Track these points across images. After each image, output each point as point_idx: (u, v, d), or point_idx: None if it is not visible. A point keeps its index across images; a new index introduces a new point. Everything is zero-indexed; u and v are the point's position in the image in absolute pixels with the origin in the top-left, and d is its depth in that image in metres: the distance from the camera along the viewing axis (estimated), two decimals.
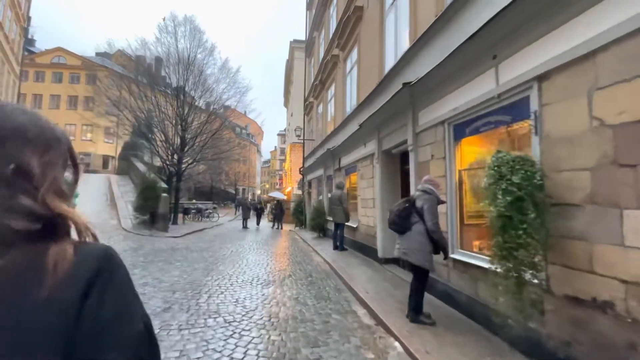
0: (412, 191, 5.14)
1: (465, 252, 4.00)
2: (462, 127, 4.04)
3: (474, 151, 4.14)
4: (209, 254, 7.87)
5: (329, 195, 8.82)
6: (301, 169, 19.03)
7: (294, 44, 31.19)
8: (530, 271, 2.58)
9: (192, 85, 17.49)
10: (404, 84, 4.79)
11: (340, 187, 9.01)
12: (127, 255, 7.01)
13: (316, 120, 15.50)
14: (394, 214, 3.93)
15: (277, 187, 56.27)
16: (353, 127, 8.51)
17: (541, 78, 2.87)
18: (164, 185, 11.56)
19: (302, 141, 19.22)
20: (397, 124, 5.87)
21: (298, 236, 13.76)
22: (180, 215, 18.76)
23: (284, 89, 43.83)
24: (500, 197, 2.51)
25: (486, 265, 3.44)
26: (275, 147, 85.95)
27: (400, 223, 3.86)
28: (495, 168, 2.63)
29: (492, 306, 2.72)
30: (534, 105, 2.93)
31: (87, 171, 34.92)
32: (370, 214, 7.50)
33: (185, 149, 17.29)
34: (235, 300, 4.45)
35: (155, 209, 10.69)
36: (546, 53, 2.82)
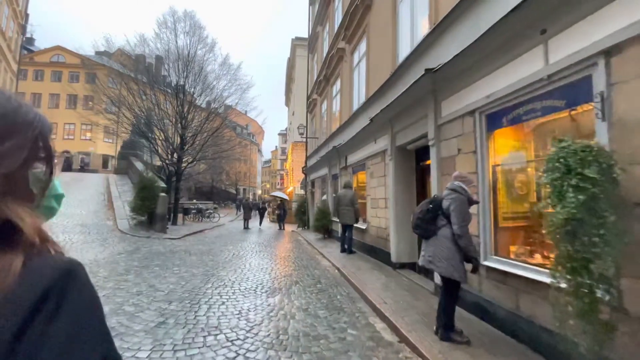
0: (434, 190, 4.64)
1: (501, 258, 3.50)
2: (498, 116, 3.54)
3: (510, 144, 3.64)
4: (209, 257, 7.38)
5: (334, 195, 8.34)
6: (304, 168, 18.54)
7: (296, 42, 30.73)
8: (603, 287, 2.09)
9: (192, 82, 17.03)
10: (427, 70, 4.29)
11: (348, 186, 8.53)
12: (121, 260, 6.52)
13: (320, 117, 15.01)
14: (417, 216, 3.44)
15: (278, 186, 55.79)
16: (362, 122, 8.02)
17: (609, 53, 2.38)
18: (162, 184, 11.07)
19: (304, 140, 18.74)
20: (414, 117, 5.38)
21: (301, 237, 13.27)
22: (180, 216, 18.34)
23: (285, 88, 43.36)
24: (571, 195, 2.01)
25: (532, 276, 2.95)
26: (276, 146, 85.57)
27: (424, 227, 3.37)
28: (561, 160, 2.13)
29: (556, 329, 2.22)
30: (599, 85, 2.43)
31: (86, 170, 34.52)
32: (381, 214, 7.01)
33: (185, 148, 16.84)
34: (238, 313, 3.95)
35: (153, 209, 10.21)
36: (616, 22, 2.32)
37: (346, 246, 8.17)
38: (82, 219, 10.22)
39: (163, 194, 10.42)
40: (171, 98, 17.15)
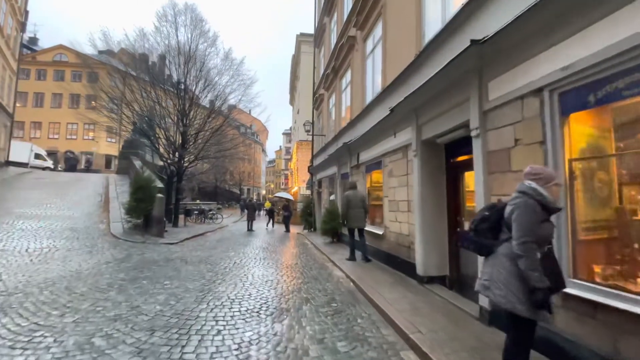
0: (479, 194, 3.76)
1: (587, 283, 2.62)
2: (579, 94, 2.66)
3: (594, 132, 2.77)
4: (208, 267, 6.57)
5: (344, 195, 7.50)
6: (310, 167, 17.71)
7: (301, 38, 29.93)
8: None
9: (193, 78, 16.30)
10: (472, 42, 3.42)
11: (353, 187, 7.71)
12: (107, 270, 5.73)
13: (327, 113, 14.16)
14: (471, 226, 2.59)
15: (283, 187, 55.10)
16: (377, 115, 7.17)
17: None
18: (159, 184, 10.31)
19: (310, 138, 17.90)
20: (447, 103, 4.50)
21: (308, 241, 12.43)
22: (181, 217, 17.64)
23: (289, 86, 42.59)
24: None
25: (634, 309, 2.08)
26: (280, 146, 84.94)
27: (478, 240, 2.52)
28: None
29: None
30: None
31: (90, 171, 34.03)
32: (402, 219, 6.14)
33: (187, 146, 16.11)
34: (236, 347, 3.12)
35: (150, 211, 9.43)
36: None
37: (362, 253, 7.35)
38: (73, 222, 9.47)
39: (160, 195, 9.64)
40: (172, 95, 16.45)
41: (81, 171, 32.83)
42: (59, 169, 32.17)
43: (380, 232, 7.16)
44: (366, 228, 8.06)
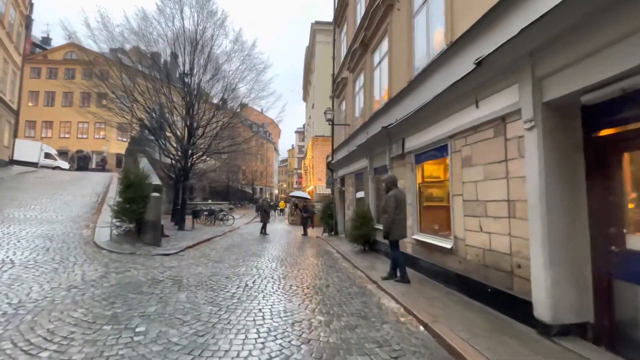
0: None
1: None
2: None
3: None
4: (207, 295, 4.70)
5: (390, 195, 5.48)
6: (330, 163, 15.74)
7: (316, 26, 28.02)
8: None
9: (200, 67, 14.62)
10: None
11: (394, 183, 5.71)
12: (64, 302, 3.94)
13: (352, 100, 12.17)
14: None
15: (296, 186, 53.32)
16: (437, 83, 5.17)
17: None
18: (156, 181, 8.56)
19: (327, 133, 15.92)
20: (616, 30, 2.47)
21: (332, 248, 10.47)
22: (189, 219, 16.03)
23: (303, 81, 40.73)
24: None
25: None
26: (293, 145, 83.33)
27: None
28: None
29: None
30: None
31: (103, 169, 33.06)
32: (496, 228, 4.10)
33: (193, 141, 14.45)
34: None
35: (143, 214, 7.68)
36: None
37: (399, 271, 5.44)
38: (51, 227, 7.81)
39: (156, 194, 7.87)
40: (178, 87, 14.88)
41: (94, 170, 31.94)
42: (71, 168, 31.28)
43: (448, 246, 5.12)
44: (419, 238, 6.07)
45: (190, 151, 14.77)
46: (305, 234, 15.15)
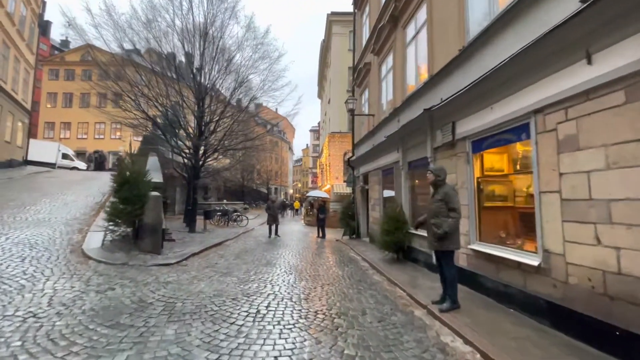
0: None
1: None
2: None
3: None
4: (204, 327, 3.48)
5: (447, 192, 4.11)
6: (350, 159, 14.40)
7: (332, 17, 26.64)
8: None
9: (209, 59, 13.62)
10: None
11: (440, 176, 4.31)
12: (3, 343, 2.81)
13: (378, 86, 10.78)
14: None
15: (311, 185, 52.18)
16: (500, 50, 3.76)
17: None
18: (157, 179, 7.50)
19: (344, 129, 14.58)
20: None
21: (357, 254, 9.15)
22: (201, 220, 15.10)
23: (318, 77, 39.47)
24: None
25: None
26: (307, 144, 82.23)
27: None
28: None
29: None
30: None
31: (114, 169, 32.93)
32: (626, 240, 2.68)
33: (204, 137, 13.49)
34: None
35: (140, 216, 6.60)
36: None
37: (449, 292, 4.02)
38: (39, 230, 6.85)
39: (155, 194, 6.78)
40: (187, 80, 13.97)
41: (110, 170, 31.80)
42: (89, 168, 31.19)
43: (533, 262, 3.70)
44: (480, 248, 4.69)
45: (201, 148, 13.83)
46: (322, 236, 13.89)
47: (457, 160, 5.55)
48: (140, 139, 37.35)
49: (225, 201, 28.64)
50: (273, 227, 13.19)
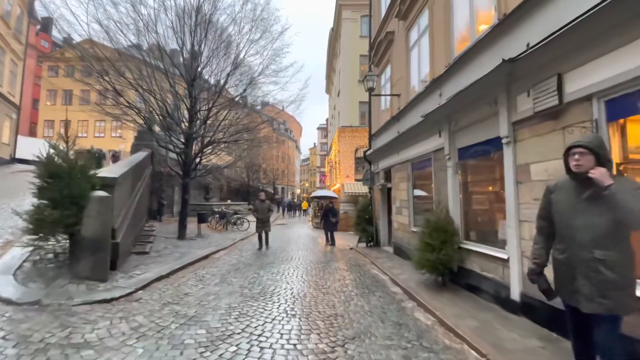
0: None
1: None
2: None
3: None
4: None
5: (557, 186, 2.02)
6: (366, 153, 12.19)
7: (342, 1, 24.45)
8: None
9: (202, 38, 11.61)
10: None
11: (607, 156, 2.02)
12: None
13: (405, 58, 8.56)
14: None
15: (319, 185, 49.98)
16: None
17: None
18: (110, 174, 5.46)
19: (355, 123, 12.40)
20: None
21: (382, 272, 6.96)
22: (197, 223, 13.20)
23: (325, 69, 37.27)
24: None
25: None
26: (315, 143, 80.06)
27: None
28: None
29: None
30: None
31: None
32: None
33: (195, 126, 11.52)
34: None
35: (76, 226, 4.54)
36: None
37: None
38: None
39: (101, 194, 4.72)
40: (178, 66, 12.01)
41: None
42: None
43: None
44: None
45: (194, 140, 11.87)
46: (332, 242, 11.73)
47: (566, 137, 3.33)
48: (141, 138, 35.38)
49: (229, 201, 26.72)
50: (263, 236, 10.25)
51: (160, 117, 11.28)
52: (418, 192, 7.76)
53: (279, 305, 4.49)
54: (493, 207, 5.11)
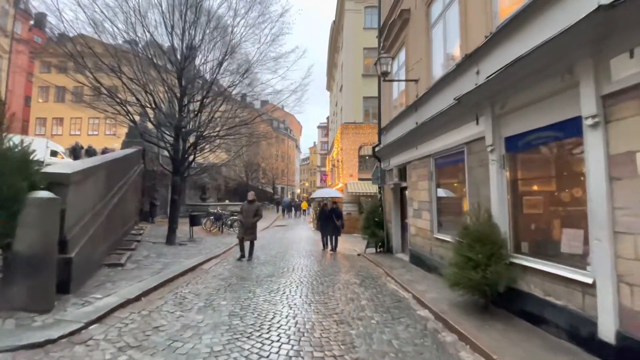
0: None
1: None
2: None
3: None
4: None
5: None
6: (376, 148, 11.01)
7: None
8: None
9: (192, 23, 10.46)
10: None
11: None
12: None
13: (424, 38, 7.37)
14: None
15: (320, 184, 48.77)
16: None
17: None
18: (53, 168, 4.28)
19: (358, 119, 11.24)
20: None
21: (401, 288, 5.79)
22: (187, 225, 12.09)
23: (327, 65, 36.08)
24: None
25: None
26: (315, 142, 78.78)
27: None
28: None
29: None
30: None
31: None
32: None
33: (184, 114, 10.39)
34: None
35: (8, 239, 3.36)
36: None
37: None
38: None
39: (43, 195, 3.55)
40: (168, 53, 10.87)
41: None
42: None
43: None
44: None
45: (185, 134, 10.73)
46: (333, 249, 10.43)
47: None
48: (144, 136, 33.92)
49: (227, 202, 25.54)
50: (247, 245, 8.45)
51: (146, 108, 10.13)
52: (444, 193, 6.60)
53: (280, 346, 3.32)
54: (557, 212, 3.93)
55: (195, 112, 10.90)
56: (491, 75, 4.20)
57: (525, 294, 4.07)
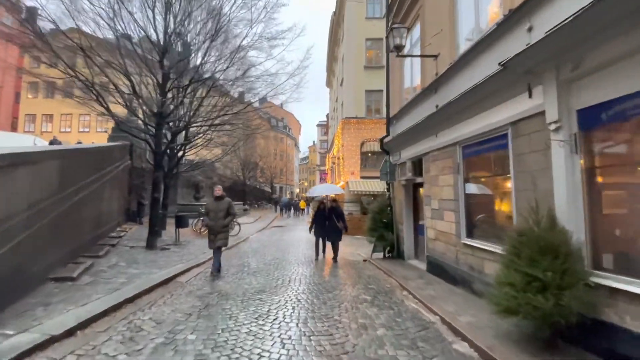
0: None
1: None
2: None
3: None
4: None
5: None
6: (384, 141, 9.77)
7: None
8: None
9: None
10: None
11: None
12: None
13: (449, 3, 6.16)
14: None
15: (319, 183, 47.49)
16: None
17: None
18: None
19: (360, 114, 9.99)
20: None
21: (427, 310, 4.52)
22: (171, 228, 10.92)
23: (326, 61, 34.81)
24: None
25: None
26: (314, 141, 77.43)
27: None
28: None
29: None
30: None
31: None
32: None
33: (169, 101, 9.21)
34: None
35: None
36: None
37: None
38: None
39: None
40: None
41: None
42: None
43: None
44: None
45: (168, 123, 9.53)
46: (334, 257, 8.59)
47: None
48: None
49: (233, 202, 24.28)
50: (219, 254, 6.56)
51: (124, 95, 8.92)
52: (475, 189, 5.38)
53: None
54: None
55: (180, 99, 9.68)
56: (566, 19, 2.96)
57: (613, 328, 2.86)
